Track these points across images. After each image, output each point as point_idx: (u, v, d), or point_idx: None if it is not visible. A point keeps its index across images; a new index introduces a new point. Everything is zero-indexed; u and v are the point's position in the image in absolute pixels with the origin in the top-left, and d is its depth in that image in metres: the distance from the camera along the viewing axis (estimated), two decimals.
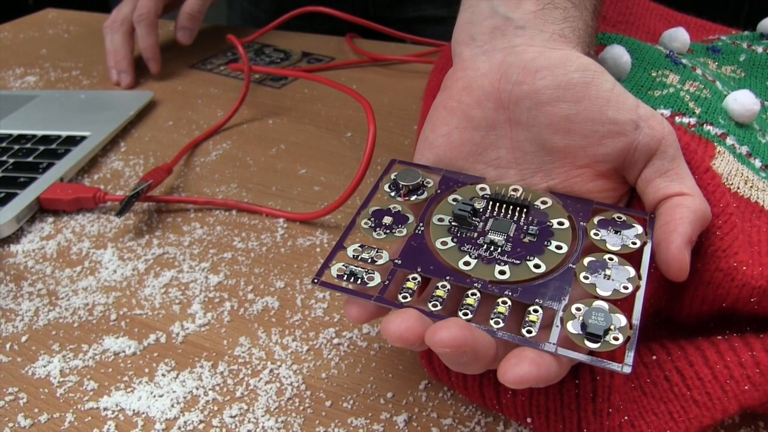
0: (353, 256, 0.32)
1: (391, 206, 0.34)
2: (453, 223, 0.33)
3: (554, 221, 0.32)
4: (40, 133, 0.62)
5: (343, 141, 0.62)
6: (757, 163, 0.39)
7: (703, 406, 0.30)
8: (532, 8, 0.36)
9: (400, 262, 0.31)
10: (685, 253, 0.30)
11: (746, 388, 0.29)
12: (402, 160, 0.37)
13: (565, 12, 0.36)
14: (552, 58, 0.34)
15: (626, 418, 0.30)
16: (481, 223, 0.33)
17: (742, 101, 0.40)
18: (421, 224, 0.33)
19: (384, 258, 0.31)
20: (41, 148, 0.59)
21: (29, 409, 0.35)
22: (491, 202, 0.33)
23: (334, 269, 0.31)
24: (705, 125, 0.38)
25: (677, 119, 0.38)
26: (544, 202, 0.33)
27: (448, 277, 0.30)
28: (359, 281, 0.30)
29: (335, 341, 0.39)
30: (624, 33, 0.47)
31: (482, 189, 0.34)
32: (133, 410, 0.35)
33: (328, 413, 0.34)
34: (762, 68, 0.49)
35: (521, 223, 0.32)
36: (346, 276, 0.31)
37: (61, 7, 1.11)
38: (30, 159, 0.57)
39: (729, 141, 0.38)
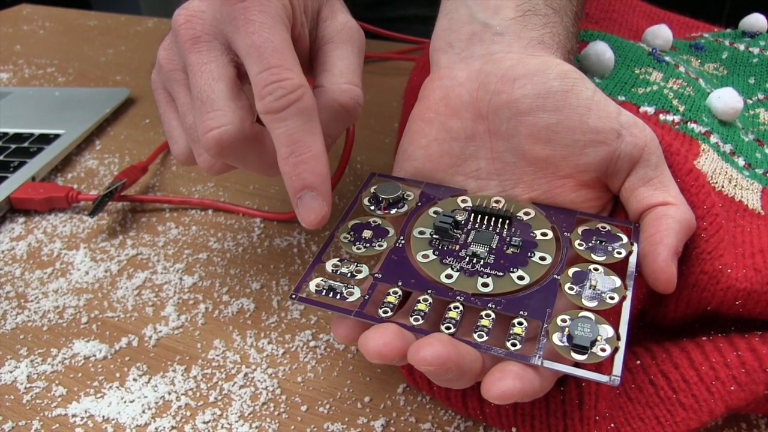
0: (332, 270, 0.31)
1: (371, 220, 0.33)
2: (434, 236, 0.32)
3: (537, 232, 0.31)
4: (12, 131, 0.61)
5: None
6: (741, 162, 0.38)
7: (689, 409, 0.29)
8: (512, 15, 0.35)
9: (380, 276, 0.30)
10: (672, 265, 0.29)
11: (732, 388, 0.29)
12: (381, 173, 0.36)
13: (545, 18, 0.36)
14: (530, 66, 0.33)
15: (613, 425, 0.29)
16: (463, 236, 0.32)
17: (725, 99, 0.40)
18: (401, 237, 0.32)
19: (364, 272, 0.30)
20: (13, 146, 0.58)
21: None
22: (473, 214, 0.33)
23: (313, 284, 0.30)
24: (689, 123, 0.37)
25: (661, 117, 0.37)
26: (526, 213, 0.32)
27: (429, 291, 0.29)
28: (338, 296, 0.29)
29: (312, 344, 0.38)
30: (606, 30, 0.47)
31: (464, 201, 0.33)
32: (103, 416, 0.33)
33: (304, 418, 0.33)
34: (744, 66, 0.49)
35: (504, 235, 0.31)
36: (324, 291, 0.29)
37: (37, 2, 1.09)
38: (1, 158, 0.56)
39: (713, 139, 0.38)
